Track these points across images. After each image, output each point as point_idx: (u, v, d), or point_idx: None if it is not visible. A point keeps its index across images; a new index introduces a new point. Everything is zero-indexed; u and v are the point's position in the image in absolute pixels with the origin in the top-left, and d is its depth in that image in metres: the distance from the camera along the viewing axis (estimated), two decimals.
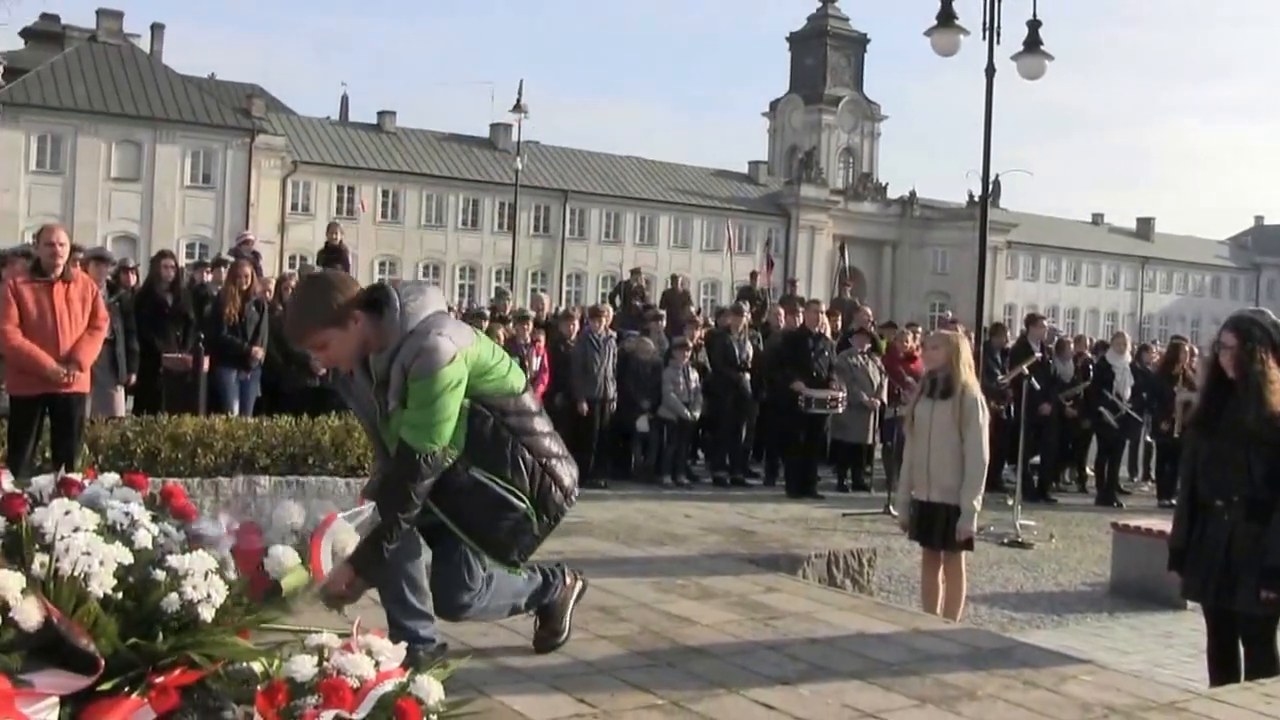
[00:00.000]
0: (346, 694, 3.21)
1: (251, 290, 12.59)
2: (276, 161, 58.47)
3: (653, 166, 74.23)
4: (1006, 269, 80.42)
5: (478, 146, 67.85)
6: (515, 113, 44.29)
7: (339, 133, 64.63)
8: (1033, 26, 16.44)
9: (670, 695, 4.59)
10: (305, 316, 4.51)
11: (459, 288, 62.76)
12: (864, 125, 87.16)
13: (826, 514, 13.13)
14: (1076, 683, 5.08)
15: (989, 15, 15.89)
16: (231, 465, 8.70)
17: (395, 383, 4.42)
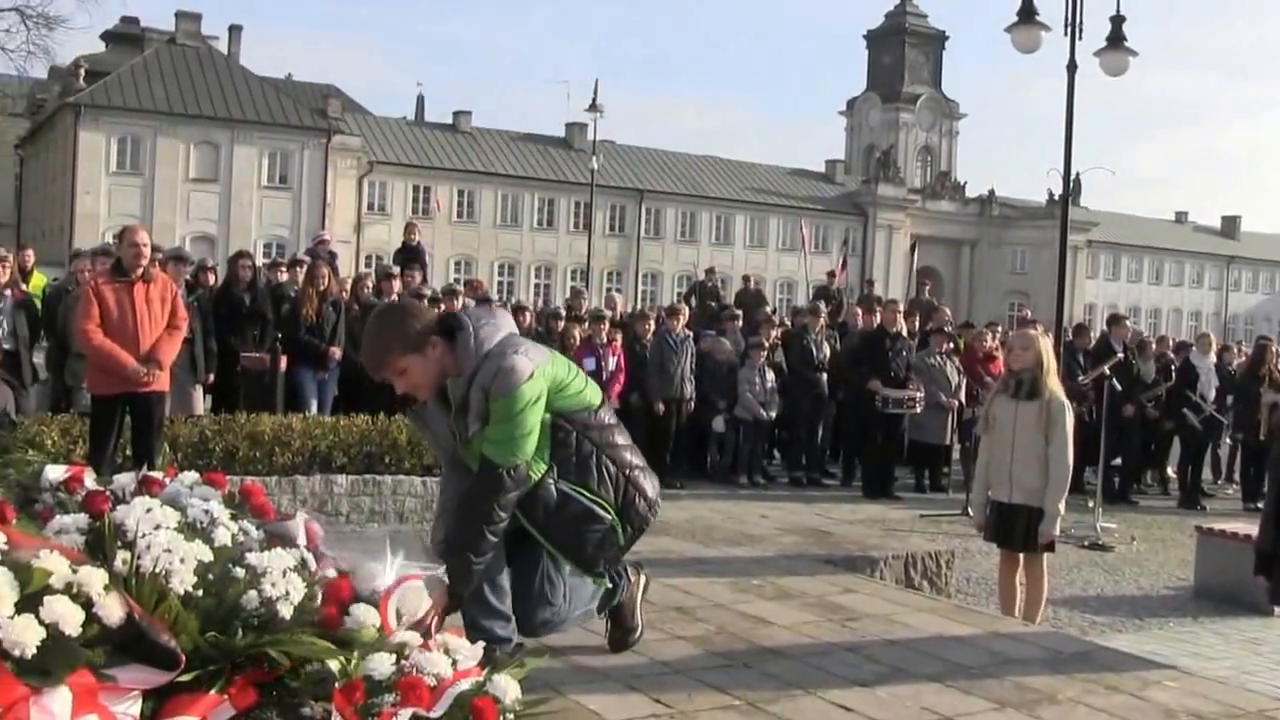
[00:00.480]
0: (424, 692, 3.21)
1: (329, 291, 12.69)
2: (352, 162, 59.02)
3: (729, 166, 74.14)
4: (1087, 268, 79.53)
5: (553, 146, 68.10)
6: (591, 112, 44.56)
7: (414, 133, 65.12)
8: (1116, 22, 16.23)
9: (746, 696, 4.57)
10: (385, 344, 4.55)
11: (534, 287, 63.06)
12: (942, 123, 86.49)
13: (904, 515, 13.02)
14: (1160, 688, 5.00)
15: (1071, 11, 15.71)
16: (309, 464, 8.78)
17: (476, 405, 4.46)
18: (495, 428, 4.43)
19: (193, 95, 54.45)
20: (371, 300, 13.21)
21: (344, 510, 8.62)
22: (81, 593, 2.91)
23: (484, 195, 64.21)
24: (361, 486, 8.77)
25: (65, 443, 8.25)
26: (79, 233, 48.48)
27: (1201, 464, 16.82)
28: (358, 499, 8.71)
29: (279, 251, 46.22)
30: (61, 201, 53.49)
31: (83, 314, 8.31)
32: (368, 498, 8.75)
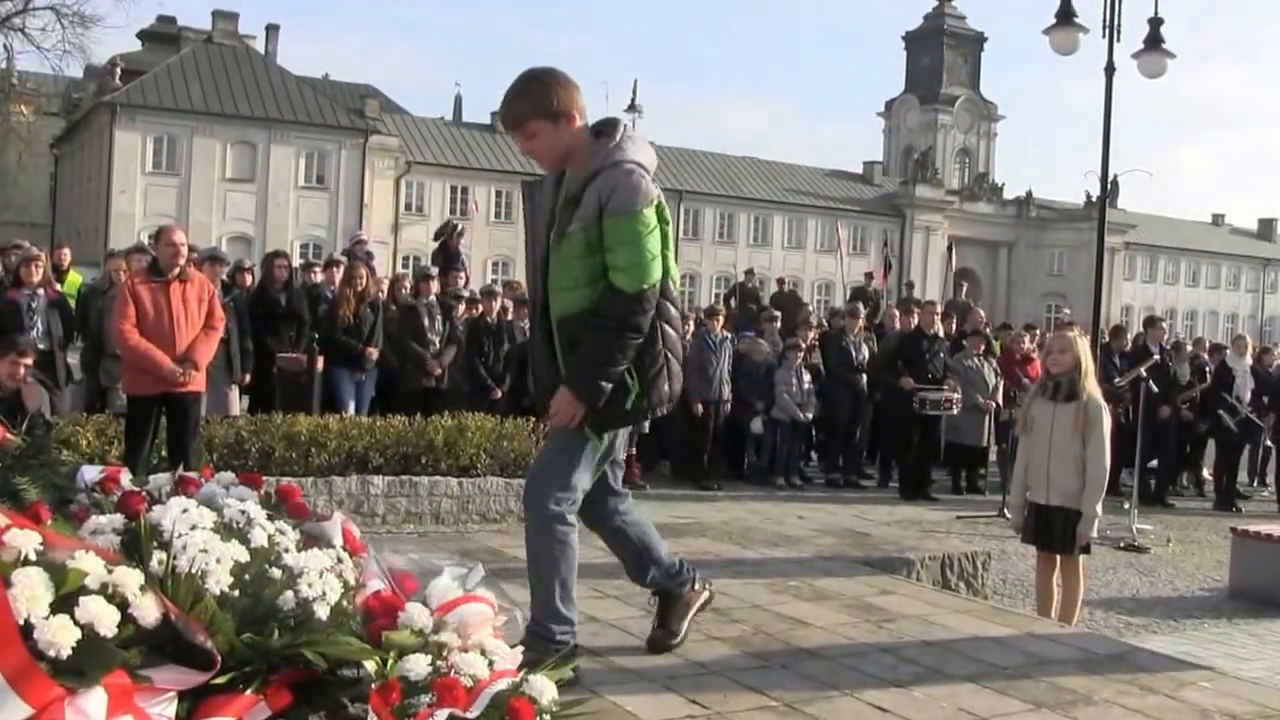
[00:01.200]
0: (460, 693, 3.22)
1: (366, 291, 12.74)
2: (390, 162, 59.21)
3: (767, 167, 74.04)
4: (1124, 270, 79.13)
5: None
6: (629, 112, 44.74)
7: (452, 133, 65.27)
8: (1154, 24, 16.16)
9: (783, 697, 4.56)
10: (525, 103, 4.52)
11: None
12: (980, 125, 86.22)
13: (941, 516, 13.00)
14: (1195, 689, 4.97)
15: (1109, 13, 15.66)
16: (345, 465, 8.82)
17: (587, 208, 4.38)
18: (621, 253, 4.35)
19: (229, 95, 54.72)
20: (409, 301, 13.25)
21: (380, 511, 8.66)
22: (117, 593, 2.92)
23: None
24: (398, 487, 8.80)
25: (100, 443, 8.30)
26: (114, 232, 48.77)
27: (1237, 466, 16.75)
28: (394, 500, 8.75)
29: (316, 252, 46.46)
30: (97, 201, 53.84)
31: (119, 314, 8.35)
32: (404, 498, 8.78)
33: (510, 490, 9.13)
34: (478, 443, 9.27)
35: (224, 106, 54.29)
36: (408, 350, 12.78)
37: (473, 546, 7.25)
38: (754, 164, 73.87)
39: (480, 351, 13.33)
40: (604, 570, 6.66)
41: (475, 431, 9.39)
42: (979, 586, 8.09)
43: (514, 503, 9.11)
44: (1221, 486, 16.25)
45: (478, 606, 3.70)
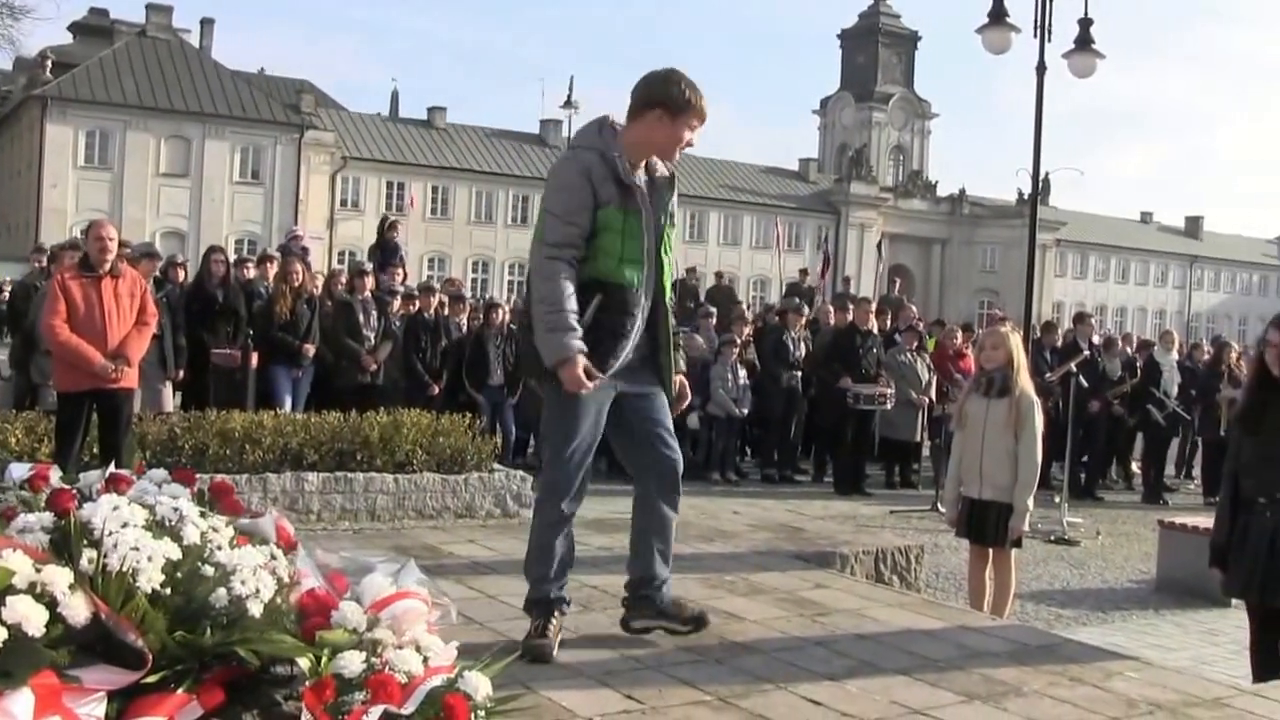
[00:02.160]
0: (395, 689, 3.20)
1: (303, 288, 12.65)
2: (326, 157, 58.81)
3: (702, 163, 74.10)
4: (1055, 267, 80.00)
5: (528, 143, 68.03)
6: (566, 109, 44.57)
7: (389, 129, 64.97)
8: (1084, 25, 16.35)
9: (718, 691, 4.58)
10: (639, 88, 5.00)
11: (508, 284, 62.90)
12: (914, 123, 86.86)
13: (875, 511, 13.11)
14: (1122, 679, 5.05)
15: (1040, 13, 15.81)
16: (280, 461, 8.73)
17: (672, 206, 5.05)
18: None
19: (163, 89, 54.13)
20: (344, 297, 13.18)
21: (315, 508, 8.58)
22: (46, 592, 2.89)
23: (458, 192, 64.16)
24: (333, 484, 8.72)
25: (30, 441, 8.17)
26: (45, 227, 48.06)
27: (1165, 460, 17.01)
28: (329, 496, 8.67)
29: (251, 248, 46.07)
30: (27, 195, 53.16)
31: (49, 309, 8.25)
32: (339, 495, 8.71)
33: (447, 486, 9.08)
34: (414, 439, 9.20)
35: (158, 101, 53.69)
36: (343, 346, 12.71)
37: (408, 543, 7.24)
38: (690, 161, 73.79)
39: (418, 347, 13.30)
40: None
41: (411, 428, 9.32)
42: (912, 580, 8.16)
43: (450, 499, 9.07)
44: (1150, 480, 16.50)
45: (411, 603, 3.68)
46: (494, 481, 9.40)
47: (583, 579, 6.36)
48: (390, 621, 3.54)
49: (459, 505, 9.12)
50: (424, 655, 3.41)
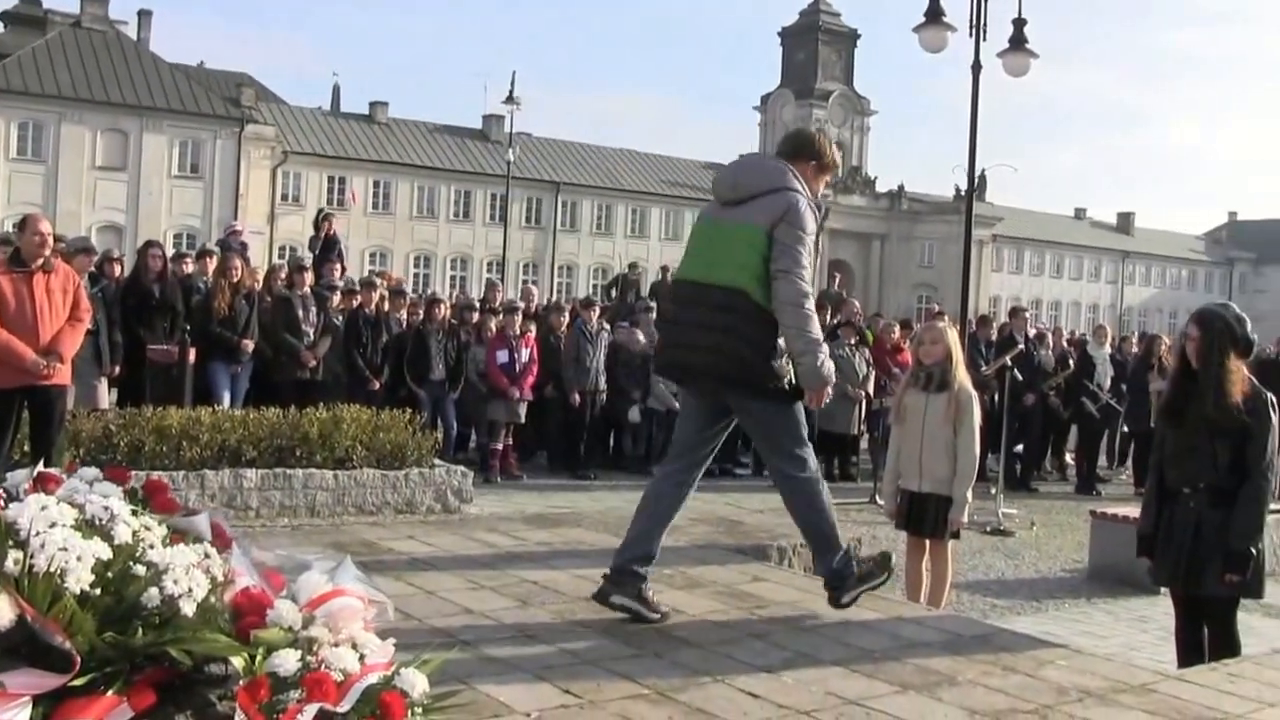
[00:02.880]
0: (330, 687, 3.18)
1: (241, 283, 12.57)
2: (266, 151, 58.24)
3: (644, 159, 74.17)
4: (992, 262, 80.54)
5: (470, 138, 67.72)
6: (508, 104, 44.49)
7: (330, 123, 64.40)
8: (1018, 25, 16.49)
9: (656, 684, 4.59)
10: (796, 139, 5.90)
11: (450, 279, 62.66)
12: (854, 120, 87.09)
13: None
14: (1053, 667, 5.12)
15: (975, 13, 15.93)
16: (218, 458, 8.68)
17: None
18: None
19: (99, 81, 53.36)
20: (283, 293, 13.10)
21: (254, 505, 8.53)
22: None
23: (400, 186, 63.71)
24: (272, 481, 8.68)
25: None
26: None
27: (1098, 451, 17.22)
28: (268, 493, 8.63)
29: (190, 242, 45.51)
30: None
31: None
32: (278, 491, 8.67)
33: (386, 482, 9.05)
34: (353, 435, 9.17)
35: (93, 93, 52.90)
36: (282, 342, 12.64)
37: (347, 539, 7.20)
38: (631, 156, 73.98)
39: (358, 343, 13.25)
40: (479, 561, 6.69)
41: (351, 423, 9.29)
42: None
43: (390, 495, 9.05)
44: (1083, 471, 16.70)
45: (347, 600, 3.67)
46: (434, 477, 9.38)
47: (521, 574, 6.37)
48: (326, 619, 3.51)
49: (399, 501, 9.10)
50: (360, 653, 3.38)
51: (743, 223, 5.44)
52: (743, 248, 5.39)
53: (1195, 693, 4.87)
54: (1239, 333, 5.76)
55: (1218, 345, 5.73)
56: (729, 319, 5.38)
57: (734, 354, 5.40)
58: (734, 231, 5.46)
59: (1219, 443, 5.68)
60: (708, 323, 5.43)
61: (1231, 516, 5.65)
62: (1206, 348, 5.76)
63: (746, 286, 5.36)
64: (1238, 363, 5.73)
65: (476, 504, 10.28)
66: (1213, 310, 5.95)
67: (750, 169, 5.79)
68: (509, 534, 7.63)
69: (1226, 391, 5.65)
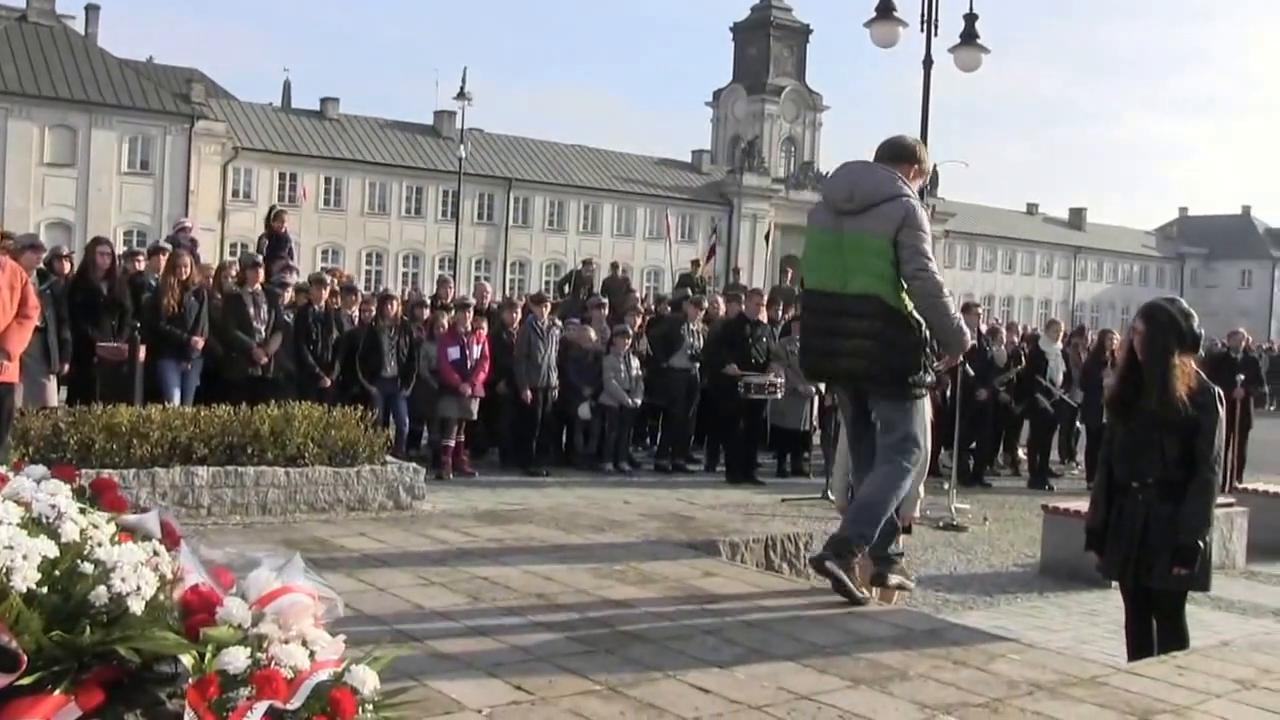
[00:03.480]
0: (280, 684, 3.15)
1: (191, 280, 12.46)
2: (217, 148, 57.78)
3: (596, 155, 74.09)
4: (945, 257, 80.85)
5: (421, 134, 67.46)
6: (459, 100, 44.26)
7: (281, 119, 63.99)
8: (969, 20, 16.52)
9: (607, 680, 4.59)
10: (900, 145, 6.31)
11: (402, 276, 62.37)
12: (806, 115, 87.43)
13: (766, 499, 13.21)
14: (1004, 661, 5.15)
15: (926, 8, 15.98)
16: (168, 456, 8.63)
17: None
18: None
19: (47, 76, 52.74)
20: (234, 289, 13.01)
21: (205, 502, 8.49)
22: None
23: (351, 183, 63.38)
24: (223, 478, 8.64)
25: None
26: None
27: (1050, 446, 17.33)
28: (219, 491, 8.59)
29: (140, 239, 45.11)
30: None
31: None
32: (229, 489, 8.63)
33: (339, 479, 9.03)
34: (305, 432, 9.14)
35: (41, 88, 52.29)
36: (233, 339, 12.56)
37: (299, 537, 7.16)
38: (584, 152, 73.88)
39: (308, 340, 13.18)
40: (430, 558, 6.67)
41: (303, 421, 9.26)
42: (802, 567, 8.22)
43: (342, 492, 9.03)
44: (1036, 466, 16.81)
45: (297, 597, 3.65)
46: (386, 474, 9.37)
47: (473, 570, 6.36)
48: (276, 616, 3.48)
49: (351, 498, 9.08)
50: (310, 650, 3.35)
51: (868, 232, 5.88)
52: (872, 257, 5.86)
53: (1144, 685, 4.90)
54: (1185, 327, 5.81)
55: (1164, 340, 5.78)
56: (869, 324, 5.87)
57: (876, 355, 5.91)
58: (861, 241, 5.89)
59: (1167, 437, 5.73)
60: (850, 330, 5.93)
61: (1180, 510, 5.71)
62: (1152, 342, 5.80)
63: (881, 292, 5.86)
64: (1184, 357, 5.78)
65: (429, 501, 10.28)
66: (1159, 305, 6.00)
67: (863, 178, 6.05)
68: (461, 531, 7.61)
69: (1173, 386, 5.69)
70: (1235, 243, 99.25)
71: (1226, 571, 10.53)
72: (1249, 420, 17.05)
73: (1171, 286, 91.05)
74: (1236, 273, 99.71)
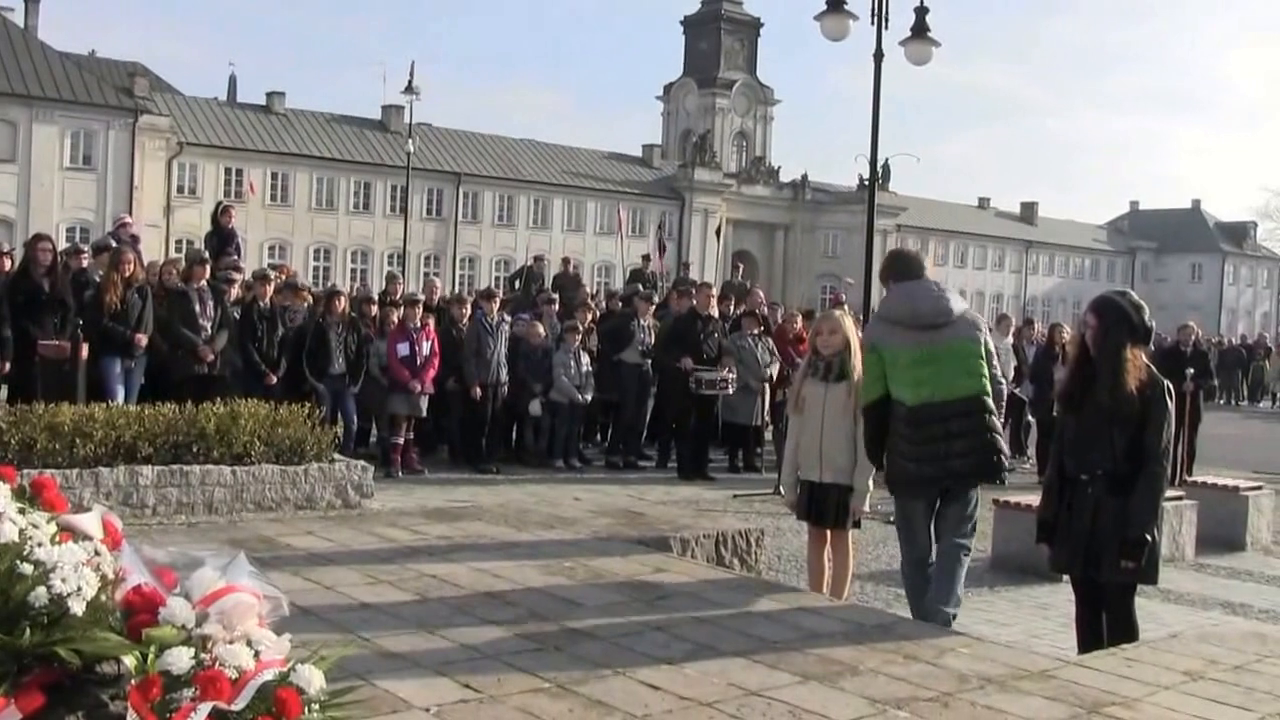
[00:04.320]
0: (224, 685, 3.13)
1: (134, 277, 12.31)
2: (161, 143, 57.06)
3: (546, 149, 73.90)
4: None
5: (369, 128, 67.03)
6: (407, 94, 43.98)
7: (226, 113, 63.39)
8: (920, 13, 16.60)
9: (556, 678, 4.58)
10: None
11: (350, 272, 61.97)
12: (757, 109, 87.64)
13: (718, 495, 13.21)
14: (954, 655, 5.18)
15: (877, 2, 16.03)
16: (112, 455, 8.53)
17: None
18: None
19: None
20: (179, 286, 12.86)
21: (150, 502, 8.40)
22: None
23: (298, 178, 62.91)
24: (168, 477, 8.55)
25: None
26: None
27: None
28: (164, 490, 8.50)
29: (83, 235, 44.60)
30: None
31: None
32: (175, 489, 8.54)
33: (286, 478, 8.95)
34: (251, 430, 9.06)
35: None
36: (178, 336, 12.42)
37: (245, 535, 7.10)
38: (533, 147, 73.69)
39: (254, 336, 13.05)
40: (378, 556, 6.63)
41: (249, 418, 9.18)
42: (753, 563, 8.24)
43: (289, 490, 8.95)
44: None
45: (241, 596, 3.61)
46: (334, 472, 9.30)
47: (421, 568, 6.33)
48: (220, 616, 3.45)
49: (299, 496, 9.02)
50: (255, 650, 3.32)
51: (965, 338, 6.70)
52: (973, 360, 6.67)
53: (1094, 678, 4.94)
54: (1137, 320, 5.84)
55: (1114, 333, 5.81)
56: (979, 420, 6.62)
57: (989, 446, 6.67)
58: (960, 348, 6.67)
59: (1117, 430, 5.76)
60: (965, 430, 6.59)
61: (1128, 503, 5.74)
62: (1103, 335, 5.84)
63: (982, 390, 6.65)
64: (1135, 350, 5.81)
65: (377, 499, 10.22)
66: (1111, 298, 6.03)
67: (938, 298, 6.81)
68: (409, 528, 7.57)
69: (1124, 379, 5.72)
70: (1185, 237, 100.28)
71: (1176, 564, 10.62)
72: (1198, 414, 17.11)
73: (1122, 280, 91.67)
74: (1186, 266, 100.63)
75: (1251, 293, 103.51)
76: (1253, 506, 12.15)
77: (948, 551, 6.84)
